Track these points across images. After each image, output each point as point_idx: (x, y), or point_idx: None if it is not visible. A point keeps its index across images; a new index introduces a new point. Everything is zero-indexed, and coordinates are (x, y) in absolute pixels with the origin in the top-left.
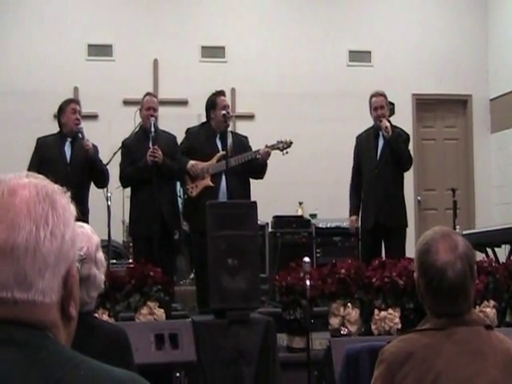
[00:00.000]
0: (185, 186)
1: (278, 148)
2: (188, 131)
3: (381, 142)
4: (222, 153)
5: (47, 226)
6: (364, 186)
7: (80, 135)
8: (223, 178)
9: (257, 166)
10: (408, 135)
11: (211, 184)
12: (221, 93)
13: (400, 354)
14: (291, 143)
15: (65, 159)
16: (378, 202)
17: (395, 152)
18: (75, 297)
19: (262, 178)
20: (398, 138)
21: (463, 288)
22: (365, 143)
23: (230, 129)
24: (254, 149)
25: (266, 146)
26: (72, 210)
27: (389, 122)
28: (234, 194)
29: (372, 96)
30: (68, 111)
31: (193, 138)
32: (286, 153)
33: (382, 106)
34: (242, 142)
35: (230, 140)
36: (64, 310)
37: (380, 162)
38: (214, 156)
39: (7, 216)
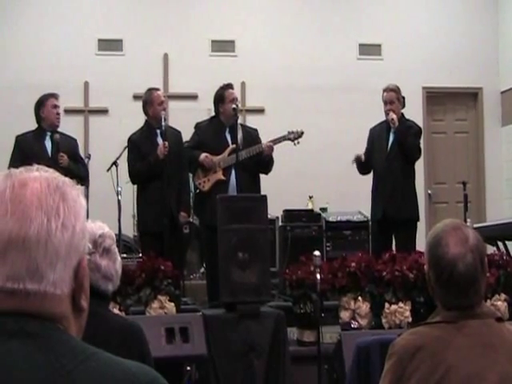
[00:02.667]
0: (196, 180)
1: (289, 138)
2: (197, 126)
3: (392, 135)
4: (233, 146)
5: (58, 217)
6: (373, 177)
7: (56, 139)
8: (233, 171)
9: (262, 161)
10: (420, 128)
11: (223, 178)
12: (229, 86)
13: (410, 348)
14: (302, 133)
15: (46, 154)
16: (386, 193)
17: (401, 143)
18: (86, 289)
19: (267, 172)
20: (408, 130)
21: (474, 281)
22: (377, 136)
23: (239, 122)
24: (264, 142)
25: (270, 140)
26: (82, 202)
27: (402, 114)
28: (244, 188)
29: (383, 90)
30: (48, 105)
31: (202, 132)
32: (298, 143)
33: (391, 101)
34: (251, 135)
35: (240, 133)
36: (75, 302)
37: (390, 154)
38: (223, 150)
39: (18, 208)
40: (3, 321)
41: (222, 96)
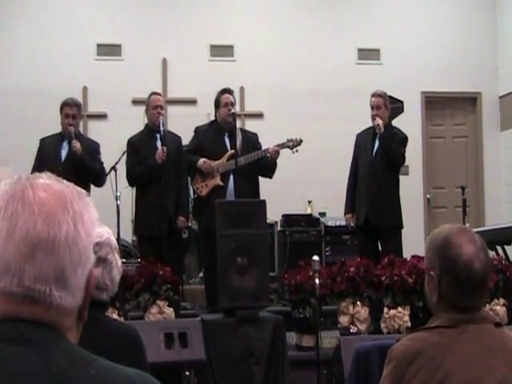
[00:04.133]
0: (194, 185)
1: (288, 146)
2: (196, 130)
3: (377, 141)
4: (231, 151)
5: (83, 224)
6: (358, 183)
7: (73, 135)
8: (231, 177)
9: (266, 165)
10: (406, 136)
11: (221, 183)
12: (225, 90)
13: (409, 353)
14: (301, 141)
15: (59, 159)
16: (369, 199)
17: (385, 149)
18: (89, 300)
19: (271, 176)
20: (393, 137)
21: (487, 279)
22: (363, 141)
23: (239, 126)
24: (263, 146)
25: (275, 145)
26: (96, 213)
27: (389, 122)
28: (242, 194)
29: (371, 96)
30: (62, 114)
31: (201, 136)
32: (296, 151)
33: (378, 107)
34: (251, 140)
35: (239, 138)
36: (80, 313)
37: (374, 159)
38: (222, 154)
39: (43, 210)
40: (4, 326)
41: (217, 100)
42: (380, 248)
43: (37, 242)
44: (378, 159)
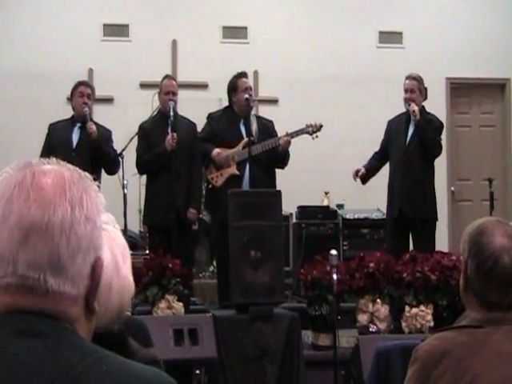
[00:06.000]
0: (208, 175)
1: (308, 132)
2: (210, 116)
3: (411, 128)
4: (247, 139)
5: (82, 208)
6: (390, 172)
7: (88, 117)
8: (247, 166)
9: (278, 155)
10: (441, 123)
11: (237, 172)
12: (242, 74)
13: (435, 353)
14: (321, 126)
15: (71, 145)
16: (403, 190)
17: (422, 138)
18: (99, 290)
19: (283, 167)
20: (429, 124)
21: None
22: (395, 128)
23: (253, 113)
24: (278, 134)
25: (287, 134)
26: (102, 198)
27: (423, 107)
28: (258, 184)
29: (406, 78)
30: (76, 94)
31: (215, 123)
32: (316, 137)
33: (411, 90)
34: (267, 127)
35: (254, 125)
36: (88, 303)
37: (408, 148)
38: (237, 142)
39: (40, 194)
40: (10, 319)
41: (235, 85)
42: (412, 242)
43: (30, 227)
44: (411, 148)
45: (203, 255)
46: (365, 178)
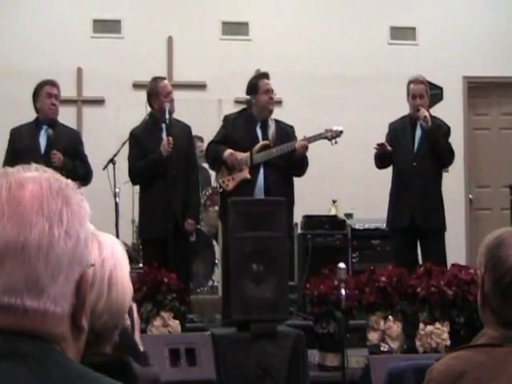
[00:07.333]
0: (220, 178)
1: (326, 137)
2: (225, 119)
3: (418, 133)
4: (263, 142)
5: (61, 224)
6: (397, 179)
7: (49, 135)
8: (261, 170)
9: (295, 161)
10: (449, 128)
11: (249, 176)
12: (264, 75)
13: (451, 374)
14: (341, 132)
15: (39, 150)
16: (414, 199)
17: (435, 145)
18: (87, 307)
19: (300, 175)
20: (438, 130)
21: None
22: (400, 133)
23: (272, 117)
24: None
25: (304, 138)
26: (87, 207)
27: (428, 112)
28: (272, 190)
29: (410, 82)
30: (42, 95)
31: (230, 125)
32: (335, 143)
33: (421, 95)
34: (286, 132)
35: (272, 129)
36: (75, 321)
37: (418, 155)
38: (252, 147)
39: (16, 211)
40: None
41: (255, 86)
42: (421, 254)
43: (4, 248)
44: (421, 154)
45: (201, 269)
46: (381, 155)
